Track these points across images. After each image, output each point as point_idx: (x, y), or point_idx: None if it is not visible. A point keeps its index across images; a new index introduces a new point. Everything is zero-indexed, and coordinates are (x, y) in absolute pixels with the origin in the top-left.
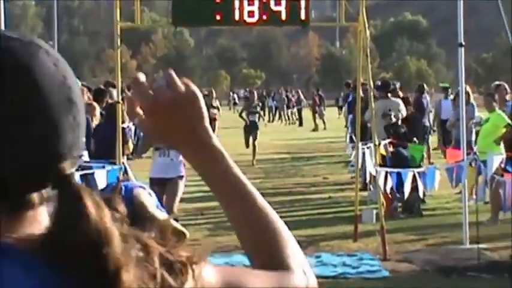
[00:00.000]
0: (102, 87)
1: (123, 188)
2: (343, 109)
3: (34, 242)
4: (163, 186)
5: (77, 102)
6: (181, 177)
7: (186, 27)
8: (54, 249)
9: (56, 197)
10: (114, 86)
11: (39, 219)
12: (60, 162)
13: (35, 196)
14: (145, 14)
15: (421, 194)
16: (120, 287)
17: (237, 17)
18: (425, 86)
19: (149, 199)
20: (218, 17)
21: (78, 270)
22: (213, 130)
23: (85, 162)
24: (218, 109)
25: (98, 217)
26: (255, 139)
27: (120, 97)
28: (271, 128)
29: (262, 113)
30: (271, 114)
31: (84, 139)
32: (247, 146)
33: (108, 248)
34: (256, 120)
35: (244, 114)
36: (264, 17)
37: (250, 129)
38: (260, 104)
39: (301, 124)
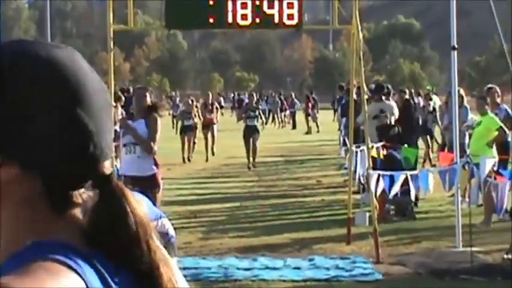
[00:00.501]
0: None
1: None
2: (337, 112)
3: (82, 239)
4: (138, 184)
5: (112, 104)
6: (153, 176)
7: (179, 30)
8: (105, 244)
9: (98, 195)
10: None
11: (76, 218)
12: (103, 161)
13: (76, 194)
14: (139, 17)
15: (412, 197)
16: (162, 279)
17: (230, 19)
18: (406, 90)
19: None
20: (211, 20)
21: (128, 264)
22: (211, 133)
23: None
24: (217, 110)
25: (140, 213)
26: (255, 142)
27: (112, 100)
28: (265, 131)
29: (261, 115)
30: (264, 117)
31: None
32: (248, 151)
33: (152, 242)
34: (256, 123)
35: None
36: (257, 20)
37: (250, 133)
38: (259, 107)
39: (294, 127)
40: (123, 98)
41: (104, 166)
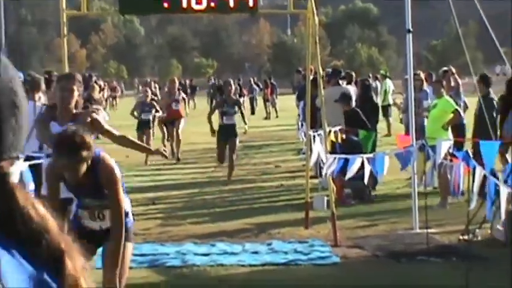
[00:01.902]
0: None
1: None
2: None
3: None
4: None
5: (20, 106)
6: None
7: (134, 15)
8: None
9: None
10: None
11: None
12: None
13: None
14: (95, 3)
15: (366, 180)
16: (64, 272)
17: (184, 4)
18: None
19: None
20: (166, 5)
21: (29, 256)
22: (177, 130)
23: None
24: (185, 101)
25: (32, 212)
26: (232, 151)
27: None
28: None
29: (243, 111)
30: None
31: (23, 142)
32: (222, 160)
33: (47, 236)
34: (234, 122)
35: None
36: (212, 4)
37: (225, 136)
38: (240, 100)
39: (253, 113)
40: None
41: (1, 166)
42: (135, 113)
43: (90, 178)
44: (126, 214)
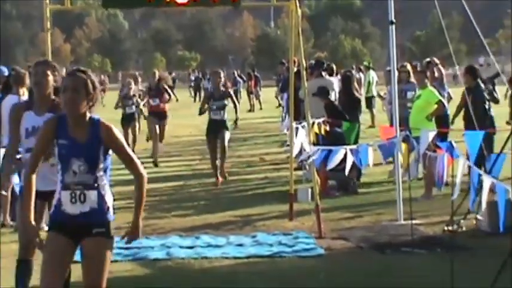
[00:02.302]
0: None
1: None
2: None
3: None
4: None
5: None
6: None
7: (117, 9)
8: None
9: None
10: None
11: None
12: None
13: None
14: None
15: (347, 172)
16: None
17: None
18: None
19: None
20: None
21: None
22: (160, 127)
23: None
24: (169, 96)
25: None
26: (223, 143)
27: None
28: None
29: (236, 102)
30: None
31: None
32: (214, 156)
33: None
34: (224, 116)
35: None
36: None
37: (214, 131)
38: (231, 93)
39: None
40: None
41: None
42: (119, 106)
43: (89, 133)
44: (108, 209)
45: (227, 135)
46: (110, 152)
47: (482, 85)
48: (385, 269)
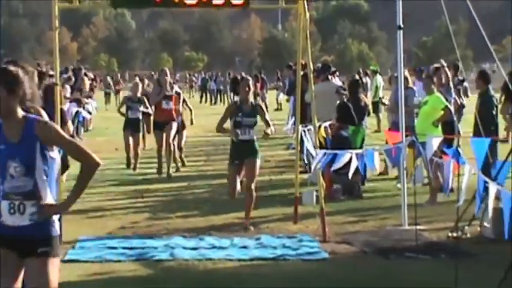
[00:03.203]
0: (39, 69)
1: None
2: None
3: None
4: None
5: None
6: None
7: (125, 8)
8: None
9: None
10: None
11: None
12: None
13: None
14: None
15: (350, 175)
16: None
17: None
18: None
19: None
20: None
21: None
22: (166, 135)
23: None
24: (183, 99)
25: None
26: (251, 180)
27: (58, 79)
28: (213, 110)
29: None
30: (213, 96)
31: None
32: (233, 195)
33: None
34: (253, 137)
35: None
36: None
37: (240, 155)
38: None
39: None
40: (73, 78)
41: None
42: (122, 110)
43: (23, 132)
44: (52, 222)
45: (258, 163)
46: (53, 154)
47: (492, 91)
48: (388, 274)
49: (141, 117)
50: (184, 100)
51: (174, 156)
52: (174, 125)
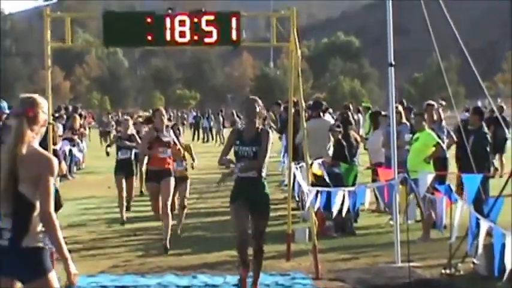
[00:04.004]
0: None
1: None
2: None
3: None
4: None
5: None
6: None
7: (118, 48)
8: None
9: None
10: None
11: None
12: None
13: None
14: (79, 35)
15: (343, 213)
16: None
17: (168, 37)
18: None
19: None
20: (149, 37)
21: None
22: (166, 192)
23: None
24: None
25: None
26: (260, 234)
27: (51, 118)
28: (206, 148)
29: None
30: (205, 134)
31: None
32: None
33: None
34: (261, 177)
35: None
36: (196, 37)
37: (245, 197)
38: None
39: None
40: (64, 116)
41: None
42: (108, 150)
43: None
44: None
45: (267, 214)
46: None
47: (485, 128)
48: None
49: (133, 157)
50: (189, 148)
51: (180, 217)
52: (171, 183)
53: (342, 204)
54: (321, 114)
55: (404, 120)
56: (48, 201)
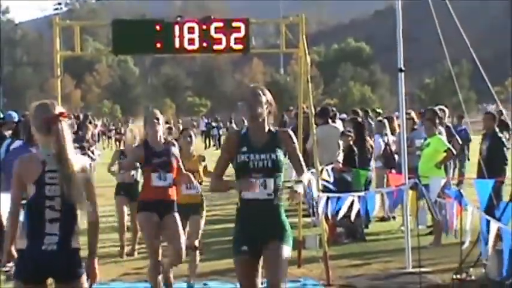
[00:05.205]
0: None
1: None
2: None
3: None
4: None
5: None
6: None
7: (127, 55)
8: None
9: None
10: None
11: None
12: None
13: None
14: (89, 44)
15: (352, 219)
16: None
17: (177, 44)
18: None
19: None
20: (158, 45)
21: None
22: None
23: None
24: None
25: None
26: (276, 273)
27: None
28: (217, 154)
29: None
30: (216, 141)
31: None
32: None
33: None
34: (274, 197)
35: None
36: (205, 44)
37: (256, 241)
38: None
39: None
40: (75, 126)
41: None
42: (112, 169)
43: None
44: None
45: (287, 249)
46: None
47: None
48: None
49: (139, 177)
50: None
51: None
52: (177, 223)
53: (351, 209)
54: (329, 120)
55: (416, 126)
56: (97, 204)
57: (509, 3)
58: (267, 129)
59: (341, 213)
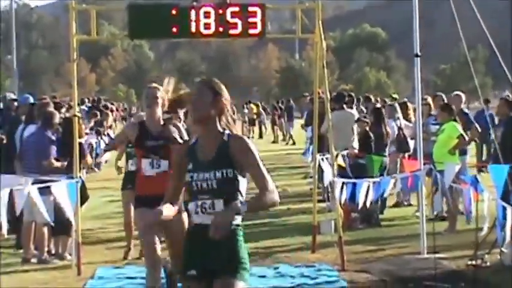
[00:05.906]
0: (56, 100)
1: None
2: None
3: None
4: None
5: None
6: None
7: (143, 40)
8: None
9: None
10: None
11: None
12: None
13: None
14: (105, 28)
15: (367, 205)
16: None
17: (193, 29)
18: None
19: None
20: (174, 29)
21: None
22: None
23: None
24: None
25: None
26: None
27: (76, 111)
28: None
29: None
30: None
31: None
32: None
33: None
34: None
35: None
36: (220, 29)
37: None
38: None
39: (261, 136)
40: (98, 115)
41: None
42: (119, 164)
43: None
44: None
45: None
46: None
47: None
48: None
49: None
50: None
51: None
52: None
53: (367, 195)
54: (344, 106)
55: (433, 112)
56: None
57: None
58: (217, 136)
59: (360, 202)
